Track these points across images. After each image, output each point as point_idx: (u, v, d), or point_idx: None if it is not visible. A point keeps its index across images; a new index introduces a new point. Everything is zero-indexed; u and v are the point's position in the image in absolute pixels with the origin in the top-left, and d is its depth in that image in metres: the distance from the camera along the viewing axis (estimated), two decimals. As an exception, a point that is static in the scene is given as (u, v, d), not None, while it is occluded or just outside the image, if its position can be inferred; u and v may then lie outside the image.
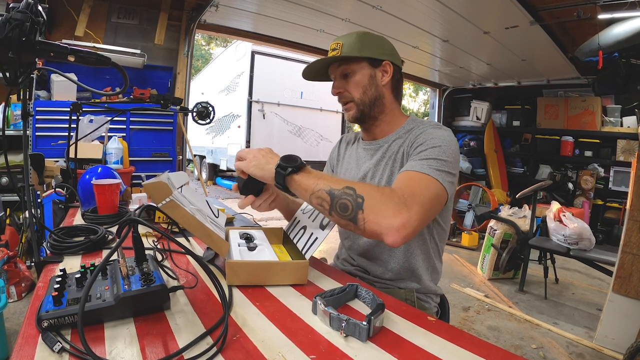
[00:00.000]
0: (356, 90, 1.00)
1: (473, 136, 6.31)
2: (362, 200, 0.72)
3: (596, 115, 4.93)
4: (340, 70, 1.02)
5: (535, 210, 3.06)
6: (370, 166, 1.05)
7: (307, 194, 0.77)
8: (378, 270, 1.01)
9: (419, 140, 0.92)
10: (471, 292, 2.97)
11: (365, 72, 1.00)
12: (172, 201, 0.70)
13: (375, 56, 1.00)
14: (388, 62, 1.01)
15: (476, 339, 0.60)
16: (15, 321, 1.94)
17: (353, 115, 1.03)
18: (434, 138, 0.90)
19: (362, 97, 1.01)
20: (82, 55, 0.86)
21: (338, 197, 0.73)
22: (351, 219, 0.73)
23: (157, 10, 3.67)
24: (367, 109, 1.02)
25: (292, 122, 6.99)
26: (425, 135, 0.93)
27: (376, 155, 1.05)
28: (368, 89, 1.00)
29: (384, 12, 3.46)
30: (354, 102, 1.02)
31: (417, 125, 1.00)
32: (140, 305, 0.61)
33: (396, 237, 0.70)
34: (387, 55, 1.01)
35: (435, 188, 0.80)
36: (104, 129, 2.78)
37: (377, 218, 0.71)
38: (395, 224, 0.70)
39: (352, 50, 0.98)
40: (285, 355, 0.54)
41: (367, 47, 0.99)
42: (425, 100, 16.81)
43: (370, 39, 1.01)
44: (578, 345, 2.19)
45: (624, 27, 3.06)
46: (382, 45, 1.02)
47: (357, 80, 1.00)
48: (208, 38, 16.85)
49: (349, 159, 1.16)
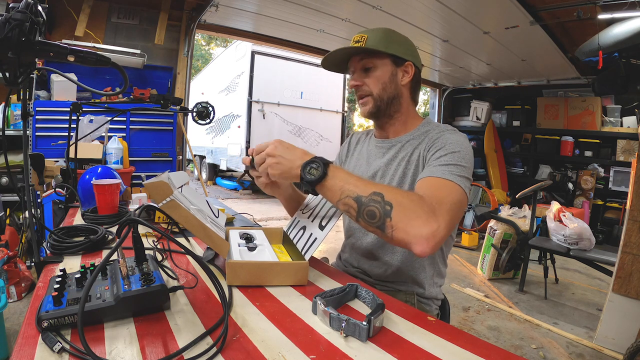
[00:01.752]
0: (376, 85, 0.99)
1: (473, 136, 6.31)
2: (391, 208, 0.70)
3: (596, 115, 4.94)
4: (362, 63, 0.99)
5: (535, 210, 3.06)
6: (381, 165, 1.04)
7: (335, 198, 0.76)
8: (379, 270, 1.01)
9: (437, 145, 0.91)
10: (471, 292, 2.97)
11: (387, 69, 0.98)
12: (173, 201, 0.70)
13: (400, 54, 0.98)
14: (410, 62, 0.99)
15: (476, 339, 0.60)
16: (15, 321, 1.94)
17: (369, 110, 1.02)
18: (453, 143, 0.89)
19: (380, 93, 0.99)
20: (82, 55, 0.86)
21: (365, 205, 0.72)
22: (379, 226, 0.71)
23: (157, 10, 3.67)
24: (384, 105, 1.00)
25: (292, 122, 6.99)
26: (444, 139, 0.91)
27: (388, 154, 1.04)
28: (388, 85, 0.99)
29: (384, 12, 3.46)
30: (372, 96, 1.00)
31: (432, 129, 0.99)
32: (140, 305, 0.61)
33: (425, 247, 0.68)
34: (410, 55, 1.00)
35: (459, 195, 0.79)
36: (104, 129, 2.79)
37: (406, 227, 0.69)
38: (425, 233, 0.68)
39: (378, 45, 0.95)
40: (285, 355, 0.54)
41: (393, 44, 0.97)
42: (425, 100, 16.78)
43: (396, 36, 0.99)
44: (578, 345, 2.19)
45: (623, 27, 3.06)
46: (407, 45, 1.01)
47: (378, 76, 0.98)
48: (208, 38, 16.85)
49: (359, 155, 1.15)
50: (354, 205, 0.73)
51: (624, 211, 3.13)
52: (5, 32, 0.70)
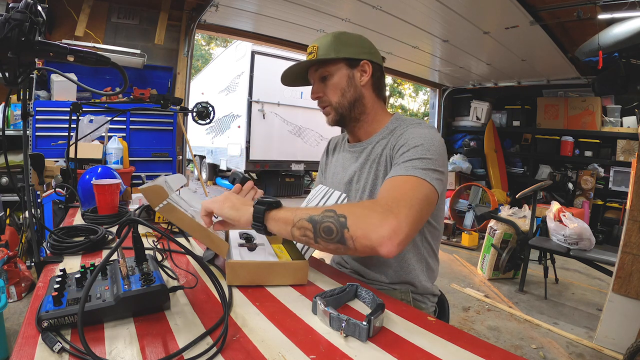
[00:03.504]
0: (334, 94, 0.97)
1: (473, 136, 6.31)
2: (345, 219, 0.69)
3: (596, 115, 4.94)
4: (318, 73, 0.98)
5: (535, 210, 3.06)
6: (356, 169, 1.01)
7: (288, 227, 0.73)
8: (371, 274, 1.00)
9: (400, 142, 0.90)
10: (471, 292, 2.97)
11: (342, 74, 0.96)
12: (169, 204, 0.70)
13: (352, 56, 0.96)
14: (366, 61, 0.96)
15: (476, 339, 0.60)
16: (15, 321, 1.94)
17: (332, 119, 1.01)
18: (415, 137, 0.87)
19: (340, 101, 0.97)
20: (82, 55, 0.86)
21: (320, 222, 0.70)
22: (338, 240, 0.69)
23: (157, 10, 3.67)
24: (347, 111, 0.99)
25: (292, 122, 6.99)
26: (406, 135, 0.90)
27: (361, 157, 1.02)
28: (347, 90, 0.97)
29: (384, 12, 3.46)
30: (331, 106, 0.99)
31: (399, 125, 0.97)
32: (140, 305, 0.61)
33: (390, 247, 0.66)
34: (365, 54, 0.97)
35: (423, 188, 0.77)
36: (104, 129, 2.79)
37: (365, 232, 0.67)
38: (385, 232, 0.66)
39: (328, 52, 0.94)
40: (285, 355, 0.54)
41: (343, 47, 0.95)
42: (425, 100, 16.80)
43: (346, 38, 0.97)
44: (578, 345, 2.19)
45: (623, 27, 3.06)
46: (359, 44, 0.98)
47: (335, 83, 0.97)
48: (208, 38, 16.85)
49: (336, 163, 1.12)
50: (309, 226, 0.71)
51: (624, 211, 3.13)
52: (5, 32, 0.70)
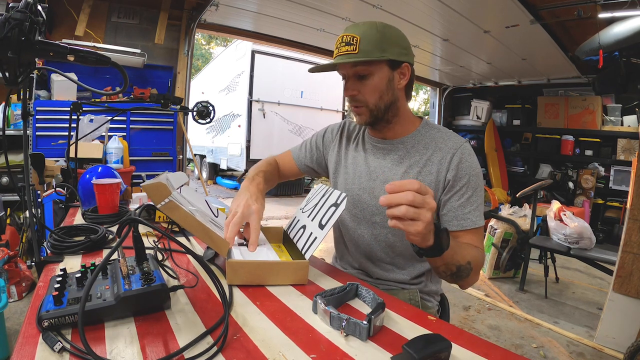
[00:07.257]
0: (372, 95, 0.90)
1: (473, 135, 6.31)
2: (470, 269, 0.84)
3: (596, 114, 4.93)
4: (356, 70, 0.89)
5: (535, 210, 3.06)
6: (384, 167, 0.98)
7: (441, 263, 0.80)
8: (380, 272, 1.01)
9: (461, 175, 0.89)
10: (471, 291, 2.97)
11: (383, 75, 0.89)
12: (171, 202, 0.70)
13: (396, 57, 0.88)
14: (407, 64, 0.90)
15: (476, 338, 0.60)
16: (15, 321, 1.94)
17: (365, 120, 0.95)
18: (475, 175, 0.91)
19: (377, 103, 0.91)
20: (82, 55, 0.86)
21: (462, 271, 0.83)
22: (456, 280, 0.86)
23: (157, 10, 3.67)
24: (381, 114, 0.93)
25: (292, 121, 6.99)
26: (467, 167, 0.90)
27: (390, 155, 0.98)
28: (385, 93, 0.90)
29: (384, 11, 3.46)
30: (367, 107, 0.92)
31: (441, 137, 0.94)
32: (140, 305, 0.61)
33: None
34: (406, 55, 0.90)
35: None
36: (104, 128, 2.79)
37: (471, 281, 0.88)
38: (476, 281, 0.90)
39: (373, 50, 0.85)
40: (285, 354, 0.54)
41: (389, 47, 0.86)
42: (426, 100, 16.81)
43: (391, 34, 0.87)
44: (578, 345, 2.19)
45: (624, 26, 3.06)
46: (402, 43, 0.90)
47: (375, 84, 0.89)
48: (208, 37, 16.84)
49: (356, 154, 1.06)
50: (455, 270, 0.82)
51: (625, 210, 3.13)
52: (5, 31, 0.70)
